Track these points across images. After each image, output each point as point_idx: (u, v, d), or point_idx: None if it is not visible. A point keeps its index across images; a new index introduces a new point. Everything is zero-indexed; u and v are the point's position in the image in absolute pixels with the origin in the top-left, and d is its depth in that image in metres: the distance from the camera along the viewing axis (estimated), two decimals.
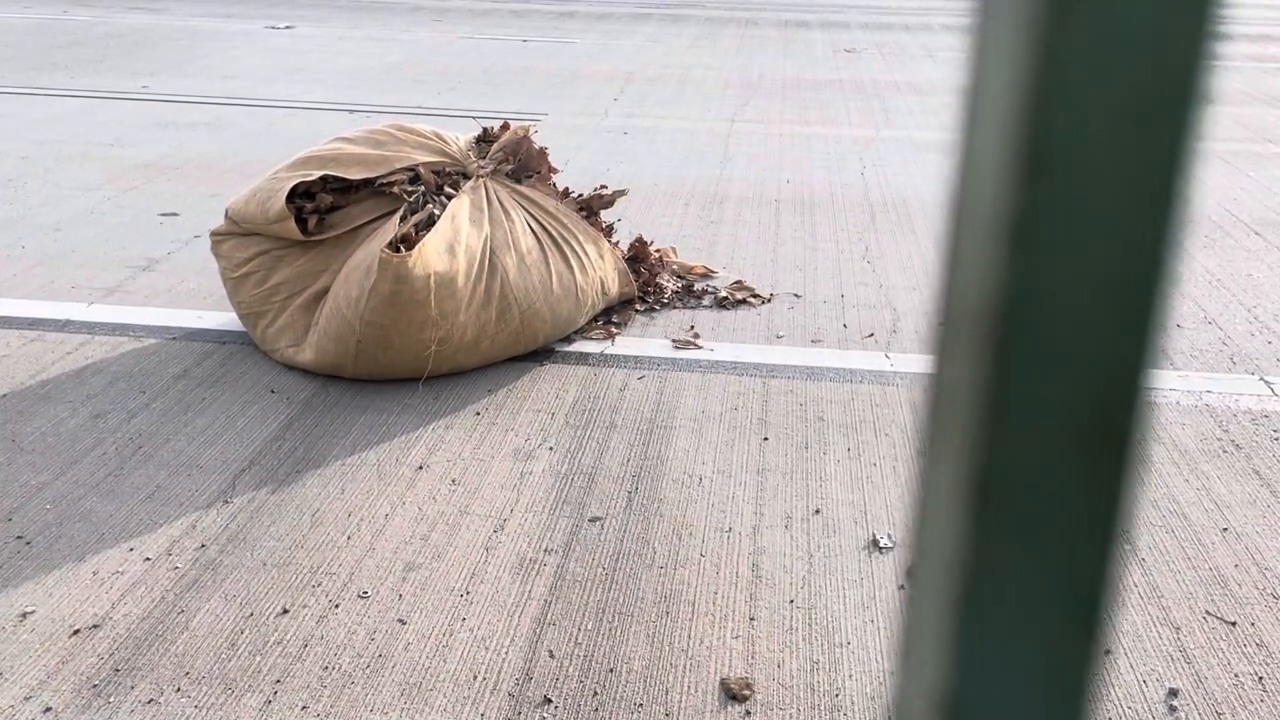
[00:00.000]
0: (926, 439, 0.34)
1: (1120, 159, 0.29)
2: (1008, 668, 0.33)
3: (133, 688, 1.86)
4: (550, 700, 1.86)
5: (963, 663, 0.33)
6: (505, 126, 3.32)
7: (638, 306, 3.46)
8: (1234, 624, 2.07)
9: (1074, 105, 0.28)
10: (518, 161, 3.24)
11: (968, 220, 0.31)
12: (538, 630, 2.02)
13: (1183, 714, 1.85)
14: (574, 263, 3.13)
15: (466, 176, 3.14)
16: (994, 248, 0.30)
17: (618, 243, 3.50)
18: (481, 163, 3.18)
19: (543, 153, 3.30)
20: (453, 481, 2.49)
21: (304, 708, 1.83)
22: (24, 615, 2.03)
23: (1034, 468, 0.31)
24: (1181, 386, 3.02)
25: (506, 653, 1.96)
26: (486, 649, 1.97)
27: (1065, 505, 0.31)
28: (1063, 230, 0.29)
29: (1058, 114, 0.28)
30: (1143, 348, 0.30)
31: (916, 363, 3.15)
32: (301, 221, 3.01)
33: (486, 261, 2.94)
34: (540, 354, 3.12)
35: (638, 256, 3.61)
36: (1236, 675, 1.94)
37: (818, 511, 2.41)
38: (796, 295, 3.64)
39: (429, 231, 2.89)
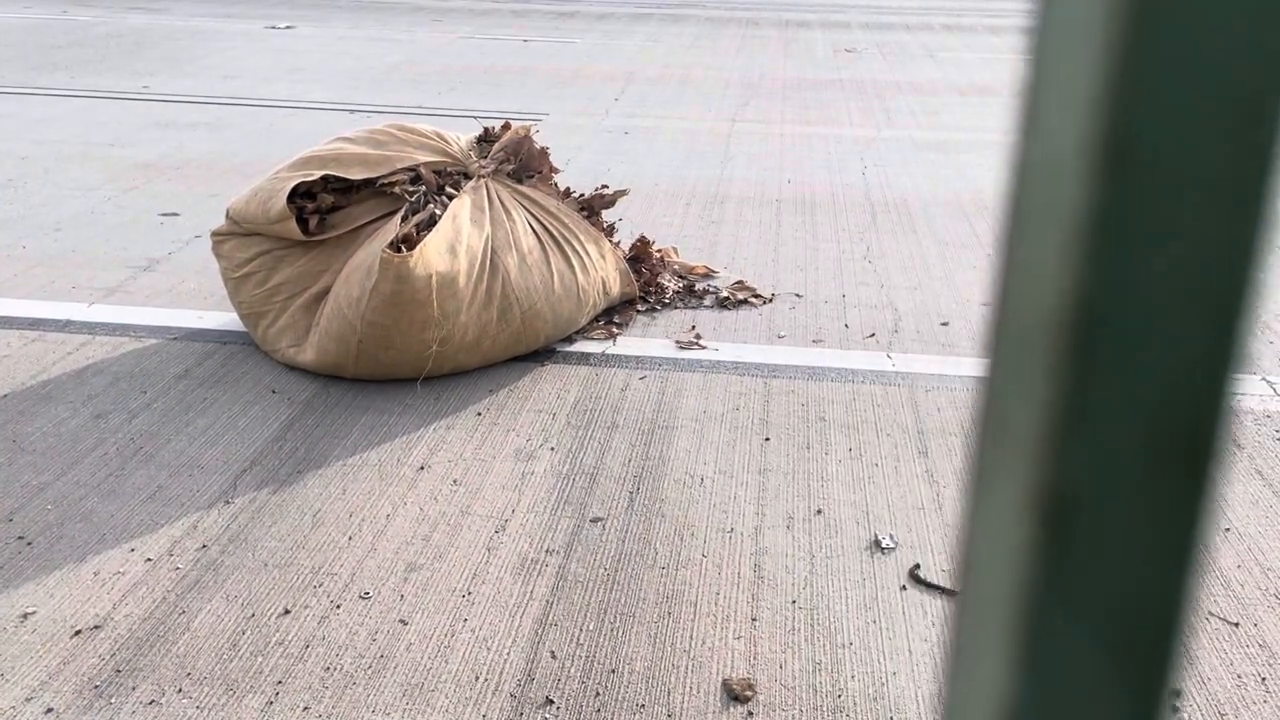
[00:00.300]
0: (983, 448, 0.32)
1: (1209, 153, 0.26)
2: (1076, 691, 0.31)
3: (134, 688, 1.86)
4: (552, 701, 1.86)
5: (1027, 686, 0.31)
6: (506, 126, 3.32)
7: (639, 306, 3.45)
8: (1237, 625, 2.07)
9: (1160, 96, 0.26)
10: (519, 161, 3.23)
11: (1037, 217, 0.29)
12: (539, 631, 2.02)
13: (1185, 715, 1.85)
14: (575, 262, 3.12)
15: (468, 176, 3.14)
16: (1070, 248, 0.27)
17: (619, 243, 3.50)
18: (483, 163, 3.18)
19: (544, 153, 3.30)
20: (454, 482, 2.49)
21: (306, 708, 1.82)
22: (25, 616, 2.03)
23: (1110, 482, 0.29)
24: None
25: (508, 653, 1.96)
26: (488, 649, 1.97)
27: (1142, 522, 0.29)
28: (1146, 229, 0.27)
29: (1142, 105, 0.26)
30: (1229, 355, 0.28)
31: (918, 363, 3.15)
32: (303, 221, 3.00)
33: (488, 261, 2.94)
34: (541, 354, 3.12)
35: (639, 256, 3.61)
36: (1239, 676, 1.94)
37: (819, 512, 2.40)
38: (798, 295, 3.64)
39: (430, 231, 2.89)
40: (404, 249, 2.81)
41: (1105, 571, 0.30)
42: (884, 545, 2.29)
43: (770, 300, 3.58)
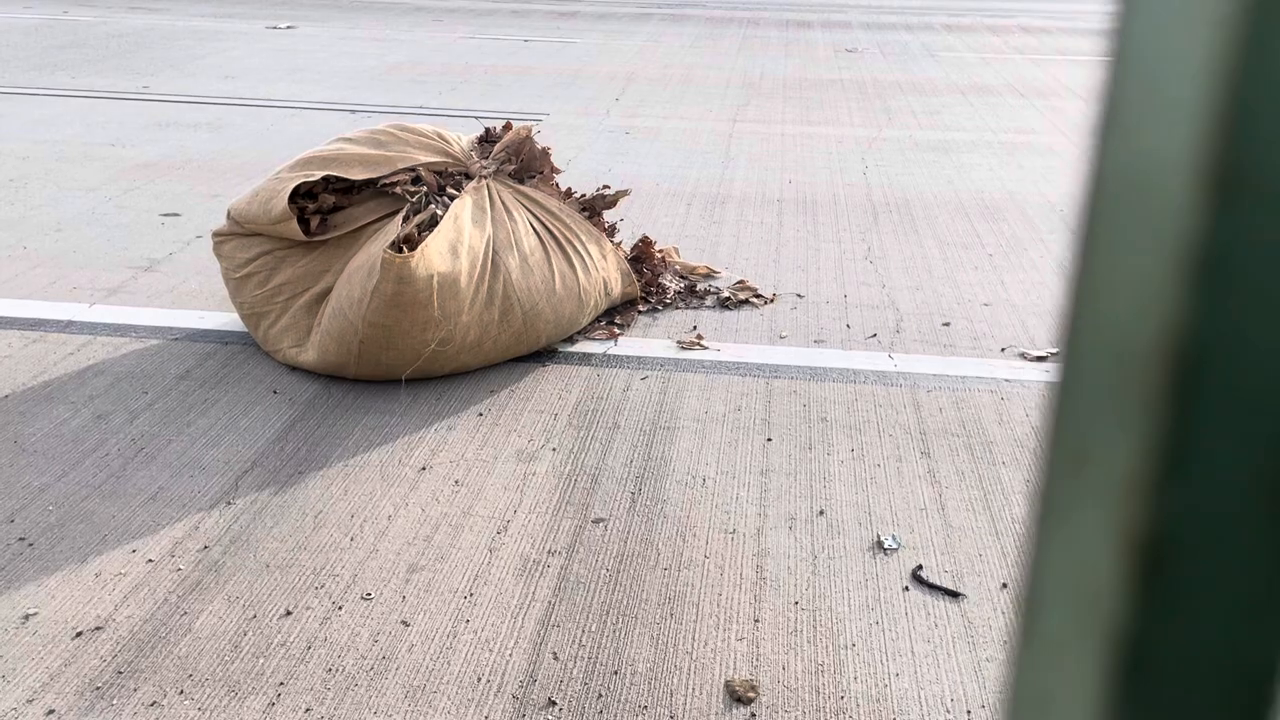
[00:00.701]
0: (1054, 478, 0.29)
1: None
2: None
3: (135, 690, 1.85)
4: (554, 702, 1.85)
5: None
6: (508, 126, 3.32)
7: (640, 307, 3.45)
8: None
9: None
10: (520, 162, 3.23)
11: (1129, 238, 0.26)
12: (541, 632, 2.01)
13: None
14: (577, 263, 3.12)
15: (469, 177, 3.14)
16: (1173, 274, 0.25)
17: (620, 243, 3.49)
18: (484, 163, 3.17)
19: (545, 153, 3.29)
20: (456, 483, 2.49)
21: (307, 710, 1.82)
22: (26, 617, 2.02)
23: (1215, 526, 0.26)
24: None
25: (510, 655, 1.96)
26: (490, 651, 1.97)
27: (1250, 568, 0.26)
28: (1263, 257, 0.24)
29: (1264, 128, 0.23)
30: None
31: (920, 363, 3.14)
32: (304, 222, 3.00)
33: (489, 262, 2.94)
34: (543, 354, 3.12)
35: (641, 256, 3.60)
36: None
37: (821, 513, 2.40)
38: (799, 295, 3.64)
39: (431, 232, 2.88)
40: (405, 249, 2.81)
41: (1208, 620, 0.27)
42: (886, 546, 2.28)
43: (772, 300, 3.57)
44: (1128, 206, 0.26)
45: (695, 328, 3.34)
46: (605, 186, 3.52)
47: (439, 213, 2.99)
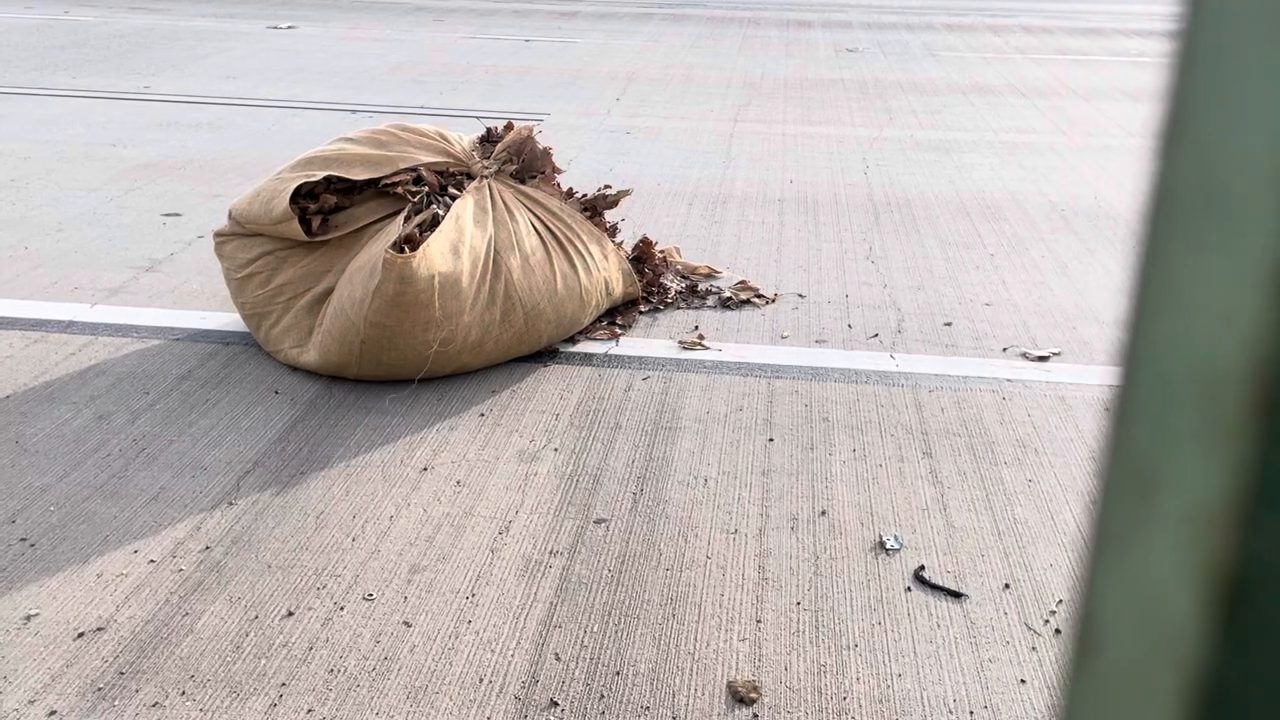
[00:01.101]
0: (1115, 501, 0.27)
1: None
2: None
3: (137, 691, 1.85)
4: (556, 703, 1.85)
5: None
6: (509, 126, 3.31)
7: (642, 307, 3.45)
8: None
9: None
10: (521, 162, 3.23)
11: (1210, 250, 0.24)
12: (543, 633, 2.01)
13: None
14: (578, 263, 3.12)
15: (470, 177, 3.13)
16: (1258, 294, 0.23)
17: (621, 243, 3.49)
18: (485, 163, 3.17)
19: (547, 153, 3.29)
20: (457, 483, 2.49)
21: (309, 711, 1.82)
22: (28, 618, 2.02)
23: None
24: None
25: (512, 655, 1.96)
26: (492, 652, 1.96)
27: None
28: None
29: None
30: None
31: (922, 363, 3.14)
32: (305, 222, 3.00)
33: (490, 262, 2.94)
34: (544, 354, 3.11)
35: (642, 256, 3.60)
36: None
37: (823, 513, 2.40)
38: (801, 295, 3.63)
39: (433, 232, 2.88)
40: (407, 250, 2.81)
41: None
42: (888, 546, 2.28)
43: (773, 300, 3.57)
44: (1204, 216, 0.24)
45: (697, 328, 3.34)
46: (606, 186, 3.52)
47: (440, 213, 2.98)
